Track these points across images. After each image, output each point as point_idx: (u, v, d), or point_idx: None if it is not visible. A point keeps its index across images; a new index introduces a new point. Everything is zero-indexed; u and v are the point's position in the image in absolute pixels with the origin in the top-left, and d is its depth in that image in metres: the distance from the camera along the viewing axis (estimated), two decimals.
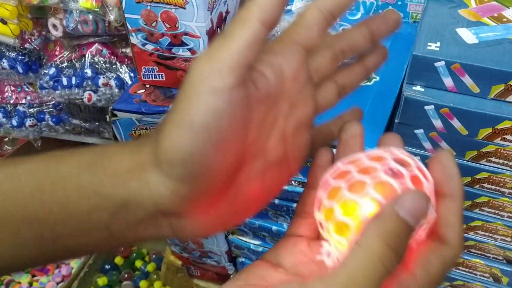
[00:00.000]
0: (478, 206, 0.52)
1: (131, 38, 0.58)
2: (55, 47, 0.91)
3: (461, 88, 0.44)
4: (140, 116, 0.59)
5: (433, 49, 0.44)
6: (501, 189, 0.49)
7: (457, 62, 0.43)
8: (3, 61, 0.93)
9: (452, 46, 0.44)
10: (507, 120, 0.43)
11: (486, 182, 0.49)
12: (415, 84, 0.46)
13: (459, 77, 0.43)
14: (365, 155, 0.28)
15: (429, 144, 0.48)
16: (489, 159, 0.47)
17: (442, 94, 0.45)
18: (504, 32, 0.46)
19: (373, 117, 0.53)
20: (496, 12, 0.48)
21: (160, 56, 0.59)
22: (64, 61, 0.88)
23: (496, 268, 0.57)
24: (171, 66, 0.60)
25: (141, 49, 0.59)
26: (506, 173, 0.47)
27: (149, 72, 0.61)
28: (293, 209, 0.61)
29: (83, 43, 0.86)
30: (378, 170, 0.26)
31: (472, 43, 0.44)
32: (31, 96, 1.01)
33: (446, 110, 0.44)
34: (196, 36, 0.56)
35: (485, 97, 0.44)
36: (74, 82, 0.86)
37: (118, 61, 0.87)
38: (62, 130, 1.05)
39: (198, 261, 0.84)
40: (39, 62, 0.95)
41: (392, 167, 0.27)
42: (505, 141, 0.45)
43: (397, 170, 0.26)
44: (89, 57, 0.87)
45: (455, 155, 0.48)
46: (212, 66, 0.25)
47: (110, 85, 0.86)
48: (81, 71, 0.86)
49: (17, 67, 0.93)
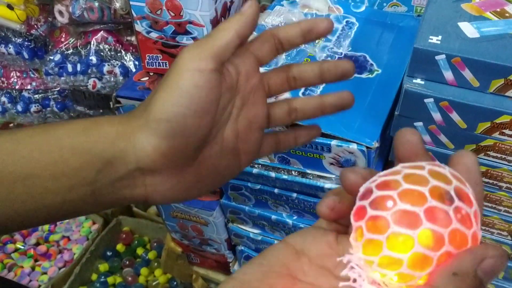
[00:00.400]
0: None
1: (136, 26, 0.59)
2: (61, 33, 0.91)
3: (461, 82, 0.44)
4: None
5: (434, 43, 0.44)
6: (499, 183, 0.50)
7: (457, 55, 0.43)
8: (9, 47, 0.94)
9: (454, 39, 0.44)
10: (506, 114, 0.43)
11: (484, 176, 0.50)
12: (416, 77, 0.46)
13: (459, 70, 0.44)
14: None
15: (428, 137, 0.49)
16: (487, 153, 0.47)
17: (442, 87, 0.45)
18: (505, 27, 0.46)
19: (374, 109, 0.54)
20: (499, 7, 0.48)
21: (164, 44, 0.60)
22: (69, 48, 0.89)
23: None
24: (175, 54, 0.60)
25: (145, 37, 0.59)
26: (503, 168, 0.48)
27: (153, 60, 0.62)
28: (292, 198, 0.61)
29: (88, 30, 0.87)
30: (426, 197, 0.24)
31: (474, 37, 0.45)
32: (36, 82, 1.02)
33: (446, 104, 0.45)
34: (200, 25, 0.56)
35: (484, 91, 0.44)
36: (79, 69, 0.87)
37: (123, 49, 0.87)
38: (66, 117, 1.06)
39: (198, 248, 0.85)
40: (44, 48, 0.96)
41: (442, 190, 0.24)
42: (503, 135, 0.45)
43: (446, 193, 0.24)
44: (94, 44, 0.87)
45: (453, 148, 0.49)
46: (199, 53, 0.33)
47: (114, 73, 0.87)
48: (86, 58, 0.87)
49: (23, 52, 0.94)
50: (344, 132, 0.51)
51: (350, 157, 0.51)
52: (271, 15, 0.65)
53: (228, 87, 0.37)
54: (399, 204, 0.24)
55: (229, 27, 0.35)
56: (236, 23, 0.35)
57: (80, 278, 1.19)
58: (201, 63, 0.33)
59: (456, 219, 0.23)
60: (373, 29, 0.65)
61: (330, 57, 0.60)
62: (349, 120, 0.52)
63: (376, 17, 0.67)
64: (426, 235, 0.23)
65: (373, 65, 0.59)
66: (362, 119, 0.52)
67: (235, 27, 0.35)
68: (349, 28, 0.65)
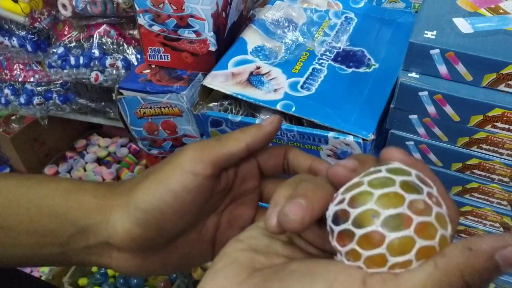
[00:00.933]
0: (468, 192, 0.54)
1: (139, 19, 0.60)
2: (64, 26, 0.92)
3: (455, 76, 0.45)
4: (145, 95, 0.61)
5: (429, 37, 0.45)
6: (491, 175, 0.51)
7: (451, 50, 0.44)
8: (12, 39, 0.95)
9: (448, 35, 0.46)
10: (497, 107, 0.44)
11: (476, 168, 0.51)
12: (411, 70, 0.47)
13: (453, 65, 0.45)
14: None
15: (422, 129, 0.50)
16: (480, 145, 0.49)
17: (436, 81, 0.46)
18: (499, 23, 0.47)
19: (371, 102, 0.55)
20: (493, 4, 0.50)
21: (166, 37, 0.61)
22: (72, 41, 0.90)
23: None
24: (176, 47, 0.61)
25: (148, 30, 0.61)
26: (496, 160, 0.49)
27: (155, 53, 0.63)
28: None
29: (91, 23, 0.88)
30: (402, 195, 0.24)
31: (468, 32, 0.46)
32: (39, 75, 1.03)
33: (439, 97, 0.46)
34: (201, 18, 0.58)
35: (477, 85, 0.45)
36: (82, 61, 0.88)
37: (125, 43, 0.88)
38: (68, 109, 1.07)
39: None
40: (48, 41, 0.97)
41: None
42: (495, 128, 0.46)
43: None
44: (97, 37, 0.88)
45: (447, 141, 0.50)
46: (201, 156, 0.34)
47: (117, 66, 0.88)
48: (89, 51, 0.88)
49: (26, 45, 0.95)
50: (341, 125, 0.52)
51: (347, 149, 0.53)
52: (271, 10, 0.66)
53: (221, 189, 0.37)
54: (382, 212, 0.24)
55: (241, 138, 0.35)
56: (250, 136, 0.35)
57: (81, 269, 1.21)
58: (198, 166, 0.33)
59: (433, 203, 0.24)
60: (371, 25, 0.66)
61: (329, 51, 0.62)
62: (346, 113, 0.53)
63: (374, 13, 0.69)
64: (420, 229, 0.23)
65: (371, 59, 0.61)
66: (359, 112, 0.53)
67: (247, 140, 0.35)
68: (347, 24, 0.66)
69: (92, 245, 0.36)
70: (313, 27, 0.65)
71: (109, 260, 0.37)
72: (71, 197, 0.36)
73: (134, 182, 0.36)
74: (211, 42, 0.60)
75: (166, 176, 0.34)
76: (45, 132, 1.33)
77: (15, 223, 0.36)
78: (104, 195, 0.36)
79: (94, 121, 1.09)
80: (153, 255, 0.37)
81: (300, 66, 0.59)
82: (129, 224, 0.34)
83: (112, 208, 0.35)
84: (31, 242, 0.36)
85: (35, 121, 1.25)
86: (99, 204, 0.36)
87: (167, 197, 0.33)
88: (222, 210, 0.39)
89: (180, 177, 0.33)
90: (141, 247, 0.36)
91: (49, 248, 0.36)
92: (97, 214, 0.35)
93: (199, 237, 0.39)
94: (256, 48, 0.62)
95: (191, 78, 0.61)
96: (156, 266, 0.38)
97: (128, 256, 0.36)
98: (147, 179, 0.35)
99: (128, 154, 1.39)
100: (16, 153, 1.30)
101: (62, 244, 0.36)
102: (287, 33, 0.63)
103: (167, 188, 0.33)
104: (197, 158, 0.33)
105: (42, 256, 0.37)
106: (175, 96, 0.59)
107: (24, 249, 0.36)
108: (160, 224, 0.34)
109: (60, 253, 0.36)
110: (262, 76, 0.58)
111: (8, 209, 0.36)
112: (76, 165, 1.38)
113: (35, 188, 0.37)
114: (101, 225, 0.35)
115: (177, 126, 0.63)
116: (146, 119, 0.63)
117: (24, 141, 1.30)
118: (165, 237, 0.36)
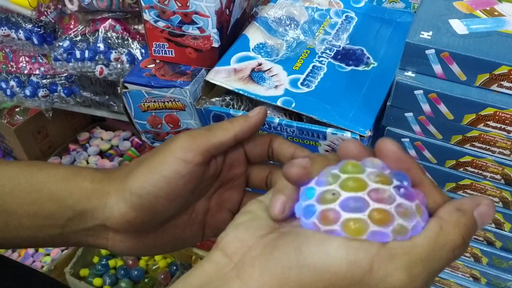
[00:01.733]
0: (461, 188, 0.55)
1: (144, 15, 0.62)
2: (70, 20, 0.94)
3: (449, 75, 0.47)
4: (149, 89, 0.62)
5: (425, 38, 0.47)
6: (483, 172, 0.52)
7: (446, 50, 0.46)
8: (19, 32, 0.96)
9: (443, 35, 0.47)
10: (490, 107, 0.46)
11: (469, 165, 0.52)
12: (407, 69, 0.49)
13: (448, 65, 0.46)
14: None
15: (418, 127, 0.52)
16: (473, 143, 0.50)
17: (431, 80, 0.48)
18: (493, 25, 0.49)
19: (368, 100, 0.56)
20: (488, 6, 0.51)
21: (170, 33, 0.62)
22: (78, 35, 0.92)
23: (477, 248, 0.61)
24: (180, 43, 0.63)
25: (153, 25, 0.62)
26: (488, 158, 0.51)
27: (159, 48, 0.64)
28: None
29: (97, 18, 0.90)
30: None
31: (463, 33, 0.47)
32: (44, 68, 1.05)
33: (434, 95, 0.47)
34: (205, 15, 0.59)
35: (471, 84, 0.47)
36: (87, 55, 0.90)
37: (130, 37, 0.90)
38: (73, 102, 1.09)
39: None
40: (53, 34, 0.98)
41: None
42: (488, 127, 0.48)
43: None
44: (102, 32, 0.90)
45: (441, 138, 0.51)
46: (191, 145, 0.36)
47: (121, 60, 0.89)
48: (94, 45, 0.90)
49: (32, 38, 0.97)
50: (339, 121, 0.53)
51: None
52: (273, 8, 0.67)
53: (210, 175, 0.39)
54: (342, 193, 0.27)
55: (230, 128, 0.37)
56: (238, 127, 0.38)
57: (82, 260, 1.22)
58: (189, 154, 0.36)
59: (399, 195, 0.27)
60: (371, 24, 0.68)
61: (329, 49, 0.63)
62: (345, 109, 0.55)
63: (374, 13, 0.70)
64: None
65: (370, 58, 0.62)
66: (356, 109, 0.55)
67: (235, 130, 0.37)
68: (348, 22, 0.68)
69: (89, 227, 0.39)
70: (314, 25, 0.66)
71: (105, 241, 0.39)
72: (70, 183, 0.39)
73: (129, 168, 0.38)
74: (215, 38, 0.61)
75: (159, 163, 0.36)
76: (48, 124, 1.34)
77: (18, 207, 0.38)
78: (101, 181, 0.39)
79: (98, 114, 1.11)
80: (147, 236, 0.40)
81: (300, 64, 0.61)
82: (125, 208, 0.37)
83: (108, 193, 0.38)
84: (32, 225, 0.39)
85: (39, 113, 1.27)
86: (97, 189, 0.38)
87: (160, 183, 0.36)
88: (211, 194, 0.42)
89: (172, 164, 0.36)
90: (135, 229, 0.38)
91: (49, 230, 0.39)
92: (94, 198, 0.38)
93: (190, 219, 0.41)
94: (258, 45, 0.64)
95: (194, 73, 0.63)
96: (149, 246, 0.41)
97: (123, 237, 0.39)
98: (142, 166, 0.37)
99: (131, 148, 1.41)
100: (20, 145, 1.32)
101: (61, 226, 0.38)
102: (288, 31, 0.64)
103: (160, 174, 0.36)
104: (189, 147, 0.36)
105: (42, 237, 0.39)
106: (179, 90, 0.61)
107: (26, 231, 0.39)
108: (154, 207, 0.37)
109: (59, 235, 0.39)
110: (263, 73, 0.60)
111: (11, 194, 0.38)
112: (79, 158, 1.39)
113: (36, 174, 0.39)
114: (99, 209, 0.38)
115: (180, 120, 0.65)
116: (150, 112, 0.65)
117: (27, 133, 1.32)
118: (158, 219, 0.38)
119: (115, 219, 0.37)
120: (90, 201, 0.38)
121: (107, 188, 0.38)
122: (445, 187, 0.56)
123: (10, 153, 1.44)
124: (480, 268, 0.63)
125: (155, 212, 0.37)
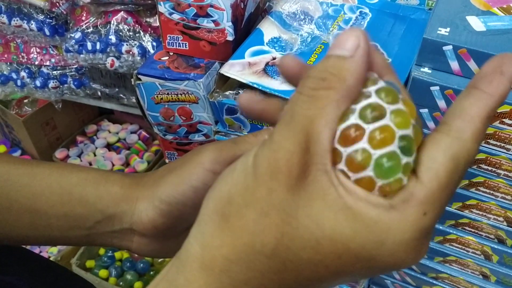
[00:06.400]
0: (474, 186, 0.55)
1: (159, 7, 0.62)
2: (82, 12, 0.94)
3: (466, 72, 0.47)
4: (162, 82, 0.62)
5: (443, 34, 0.47)
6: (497, 170, 0.52)
7: (464, 47, 0.46)
8: (31, 23, 0.97)
9: (461, 32, 0.47)
10: (506, 104, 0.46)
11: (483, 163, 0.52)
12: (424, 65, 0.49)
13: (465, 61, 0.46)
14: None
15: (432, 123, 0.52)
16: (488, 140, 0.50)
17: (448, 76, 0.48)
18: (511, 22, 0.48)
19: None
20: (505, 3, 0.51)
21: (185, 25, 0.62)
22: (89, 27, 0.92)
23: (488, 246, 0.61)
24: (195, 36, 0.63)
25: (167, 18, 0.62)
26: (502, 155, 0.51)
27: (173, 41, 0.65)
28: None
29: (109, 10, 0.90)
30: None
31: (480, 30, 0.47)
32: (55, 59, 1.05)
33: (450, 92, 0.47)
34: (220, 8, 0.59)
35: None
36: (98, 47, 0.90)
37: (141, 30, 0.90)
38: (82, 94, 1.09)
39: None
40: (65, 26, 0.98)
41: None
42: (503, 124, 0.48)
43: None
44: (114, 24, 0.90)
45: None
46: (219, 157, 0.37)
47: (132, 53, 0.90)
48: (106, 37, 0.90)
49: (44, 29, 0.97)
50: None
51: None
52: (288, 2, 0.67)
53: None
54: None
55: (254, 142, 0.38)
56: (262, 140, 0.38)
57: (88, 251, 1.23)
58: (217, 166, 0.37)
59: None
60: (385, 20, 0.68)
61: None
62: None
63: (388, 9, 0.70)
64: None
65: (384, 54, 0.62)
66: None
67: (259, 144, 0.37)
68: (362, 18, 0.68)
69: (116, 230, 0.40)
70: (328, 20, 0.66)
71: (129, 244, 0.41)
72: (100, 187, 0.40)
73: (158, 176, 0.40)
74: (229, 32, 0.61)
75: (189, 173, 0.38)
76: (57, 116, 1.35)
77: (48, 208, 0.39)
78: (130, 186, 0.40)
79: (107, 107, 1.11)
80: (171, 240, 0.41)
81: (315, 58, 0.61)
82: (153, 214, 0.38)
83: (137, 198, 0.39)
84: (60, 225, 0.40)
85: (47, 105, 1.27)
86: (126, 194, 0.39)
87: (189, 192, 0.37)
88: None
89: (201, 175, 0.37)
90: (161, 234, 0.40)
91: (76, 231, 0.40)
92: (124, 203, 0.39)
93: None
94: (273, 39, 0.64)
95: (208, 66, 0.63)
96: (172, 249, 0.42)
97: (148, 241, 0.40)
98: (171, 174, 0.39)
99: (138, 141, 1.41)
100: (28, 136, 1.32)
101: (89, 228, 0.40)
102: (303, 25, 0.64)
103: (190, 184, 0.37)
104: (217, 159, 0.37)
105: (69, 237, 0.41)
106: (192, 83, 0.61)
107: (54, 231, 0.40)
108: (181, 215, 0.38)
109: (85, 236, 0.40)
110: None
111: (42, 195, 0.39)
112: (86, 150, 1.40)
113: (66, 177, 0.40)
114: (127, 214, 0.39)
115: (193, 113, 0.65)
116: (163, 105, 0.65)
117: (36, 124, 1.32)
118: (184, 225, 0.40)
119: (143, 224, 0.39)
120: (119, 205, 0.39)
121: (136, 193, 0.39)
122: None
123: (18, 144, 1.44)
124: (491, 266, 0.63)
125: (181, 219, 0.38)
